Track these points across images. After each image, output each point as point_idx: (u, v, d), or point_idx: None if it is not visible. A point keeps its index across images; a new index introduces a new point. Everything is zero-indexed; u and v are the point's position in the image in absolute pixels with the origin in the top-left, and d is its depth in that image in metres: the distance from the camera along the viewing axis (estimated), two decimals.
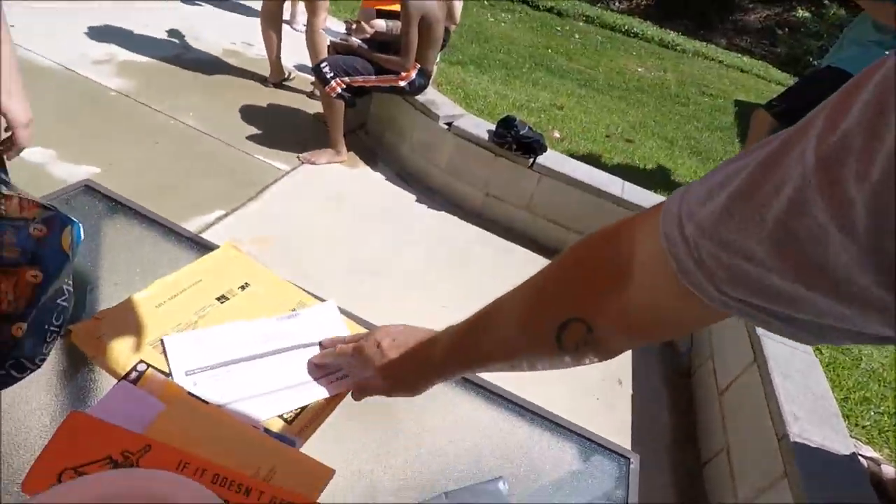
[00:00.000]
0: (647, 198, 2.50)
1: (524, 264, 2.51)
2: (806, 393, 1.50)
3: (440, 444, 0.66)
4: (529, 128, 2.53)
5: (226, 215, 2.15)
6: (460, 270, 2.33)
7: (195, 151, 2.49)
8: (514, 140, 2.46)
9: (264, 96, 3.15)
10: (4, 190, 0.54)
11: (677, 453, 1.84)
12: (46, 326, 0.57)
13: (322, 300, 0.76)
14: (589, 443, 0.73)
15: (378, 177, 2.80)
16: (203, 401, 0.59)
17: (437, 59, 2.95)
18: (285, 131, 2.87)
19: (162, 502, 0.47)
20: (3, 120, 0.86)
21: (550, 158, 2.55)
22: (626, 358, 2.15)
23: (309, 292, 0.77)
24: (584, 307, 0.41)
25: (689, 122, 4.52)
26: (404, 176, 2.84)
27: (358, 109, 2.93)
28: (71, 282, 0.61)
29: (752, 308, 0.30)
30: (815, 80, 2.71)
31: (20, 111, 0.86)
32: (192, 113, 2.72)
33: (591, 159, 3.09)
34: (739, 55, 8.01)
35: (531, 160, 2.50)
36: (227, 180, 2.36)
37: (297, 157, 2.66)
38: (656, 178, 3.19)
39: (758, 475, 1.45)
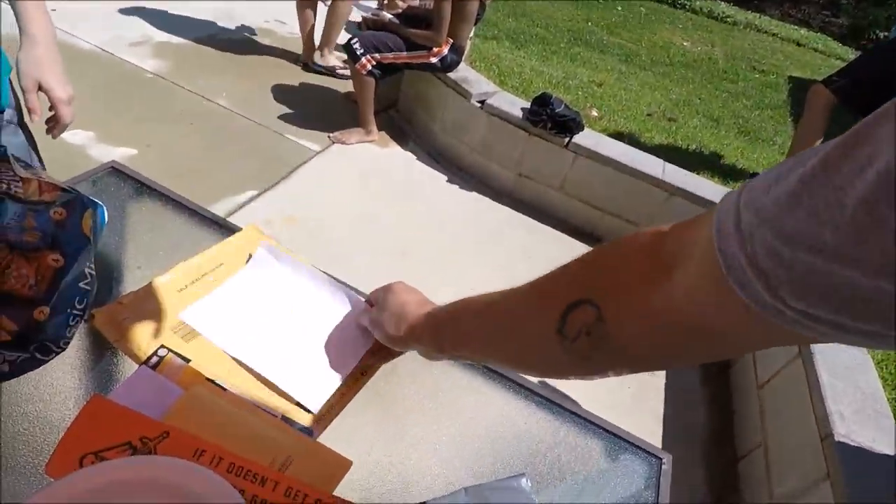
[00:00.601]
0: (690, 180, 2.39)
1: (555, 246, 2.45)
2: (854, 391, 1.42)
3: (460, 437, 0.64)
4: (566, 105, 2.44)
5: (258, 195, 2.17)
6: (490, 252, 2.30)
7: (228, 132, 2.52)
8: (550, 118, 2.38)
9: (296, 75, 3.15)
10: (23, 173, 0.54)
11: (711, 448, 1.79)
12: (69, 310, 0.57)
13: (343, 284, 0.75)
14: (618, 440, 0.70)
15: (409, 156, 2.77)
16: (222, 387, 0.59)
17: (471, 35, 2.88)
18: (316, 111, 2.86)
19: (177, 491, 0.47)
20: (47, 99, 0.87)
21: (587, 137, 2.47)
22: None
23: (334, 277, 0.75)
24: (601, 291, 0.36)
25: (738, 99, 4.29)
26: (435, 155, 2.80)
27: (389, 88, 2.89)
28: (93, 265, 0.60)
29: (811, 320, 0.25)
30: (883, 52, 2.50)
31: (61, 89, 0.87)
32: (225, 93, 2.74)
33: (631, 139, 2.97)
34: (796, 27, 7.53)
35: (567, 139, 2.42)
36: (258, 161, 2.38)
37: (328, 136, 2.65)
38: (700, 159, 3.05)
39: (797, 475, 1.38)
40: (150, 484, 0.47)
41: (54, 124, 0.91)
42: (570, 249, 2.46)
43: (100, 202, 0.67)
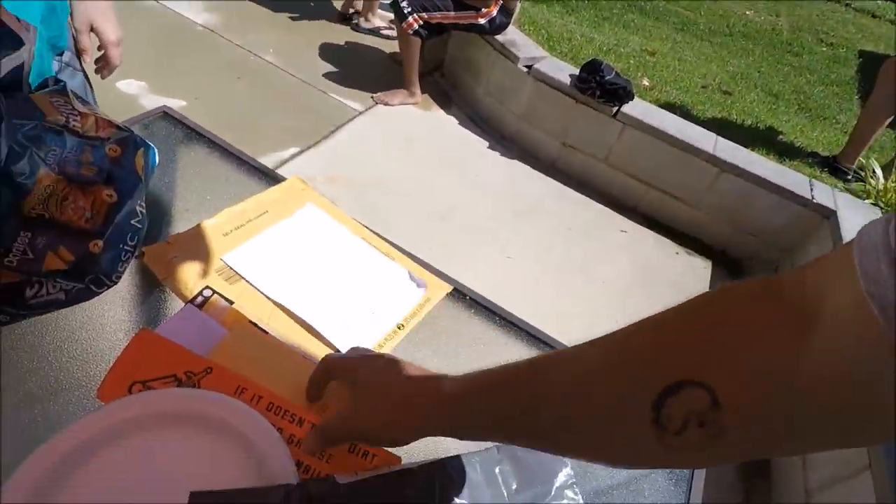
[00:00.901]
0: (743, 156, 2.28)
1: (597, 219, 2.39)
2: None
3: None
4: (616, 73, 2.34)
5: (300, 152, 2.18)
6: (529, 222, 2.26)
7: (273, 88, 2.53)
8: (599, 86, 2.29)
9: (342, 34, 3.12)
10: (81, 108, 0.55)
11: None
12: (121, 246, 0.59)
13: (388, 241, 0.75)
14: None
15: (451, 121, 2.72)
16: (263, 330, 0.60)
17: None
18: (361, 70, 2.84)
19: (219, 424, 0.48)
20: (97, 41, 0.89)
21: (636, 108, 2.37)
22: None
23: (375, 232, 0.75)
24: (713, 367, 0.27)
25: (801, 74, 4.03)
26: (478, 121, 2.75)
27: (434, 50, 2.83)
28: (144, 204, 0.62)
29: None
30: None
31: (110, 30, 0.89)
32: (272, 49, 2.74)
33: (682, 111, 2.84)
34: None
35: (615, 108, 2.33)
36: (302, 118, 2.39)
37: (371, 96, 2.63)
38: (755, 136, 2.89)
39: (835, 463, 1.34)
40: (193, 415, 0.48)
41: (103, 65, 0.94)
42: (611, 222, 2.40)
43: (151, 144, 0.68)
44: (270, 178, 0.79)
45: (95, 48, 0.91)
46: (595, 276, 2.10)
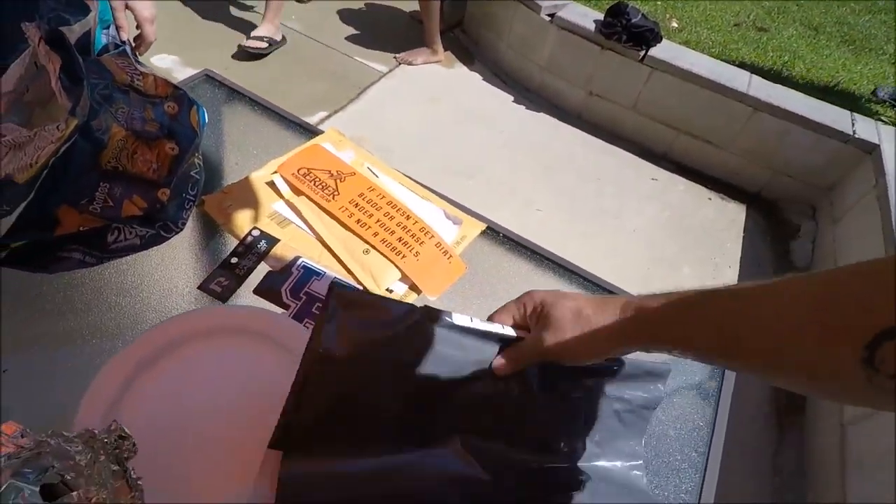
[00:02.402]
0: (779, 93, 2.20)
1: (626, 168, 2.37)
2: None
3: None
4: (643, 15, 2.27)
5: (327, 116, 2.23)
6: (557, 174, 2.27)
7: (299, 55, 2.56)
8: (625, 29, 2.24)
9: None
10: (142, 68, 0.60)
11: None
12: (184, 195, 0.65)
13: (421, 184, 0.79)
14: None
15: (475, 77, 2.71)
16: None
17: None
18: (383, 32, 2.83)
19: (264, 335, 0.54)
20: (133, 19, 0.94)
21: (665, 50, 2.31)
22: (731, 269, 2.03)
23: (413, 179, 0.80)
24: None
25: (844, 3, 3.80)
26: (501, 76, 2.72)
27: (454, 7, 2.80)
28: (201, 157, 0.68)
29: None
30: None
31: (145, 8, 0.93)
32: (294, 16, 2.76)
33: (714, 52, 2.74)
34: None
35: (643, 52, 2.27)
36: (328, 82, 2.42)
37: (394, 57, 2.63)
38: (792, 73, 2.78)
39: None
40: (242, 329, 0.54)
41: (139, 42, 0.99)
42: (640, 171, 2.37)
43: (199, 103, 0.73)
44: (309, 131, 0.84)
45: (134, 26, 0.96)
46: (625, 226, 2.11)
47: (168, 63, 2.28)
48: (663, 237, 2.10)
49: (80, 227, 0.57)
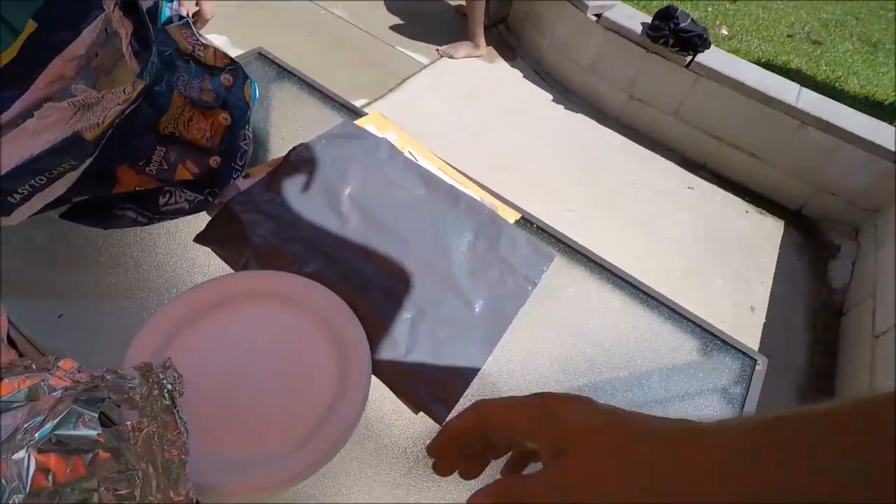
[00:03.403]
0: (829, 108, 2.14)
1: (663, 175, 2.34)
2: None
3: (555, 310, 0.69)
4: (692, 20, 2.24)
5: (368, 104, 2.26)
6: (592, 176, 2.25)
7: (343, 41, 2.60)
8: (672, 34, 2.20)
9: None
10: (203, 39, 0.63)
11: (807, 394, 1.72)
12: (232, 164, 0.68)
13: (457, 169, 0.80)
14: (712, 337, 0.71)
15: (515, 73, 2.70)
16: None
17: None
18: (427, 24, 2.85)
19: (298, 299, 0.56)
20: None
21: (712, 57, 2.26)
22: (763, 285, 1.99)
23: (459, 170, 0.81)
24: None
25: None
26: (542, 74, 2.71)
27: (500, 2, 2.80)
28: (251, 129, 0.70)
29: None
30: None
31: None
32: (341, 4, 2.80)
33: (763, 62, 2.68)
34: None
35: (689, 58, 2.23)
36: (370, 71, 2.45)
37: (437, 49, 2.65)
38: (845, 88, 2.69)
39: None
40: (277, 293, 0.56)
41: (196, 18, 1.04)
42: (678, 179, 2.34)
43: (252, 78, 0.76)
44: (354, 112, 0.86)
45: (193, 3, 1.01)
46: (658, 233, 2.08)
47: (220, 43, 2.34)
48: (697, 248, 2.07)
49: (136, 187, 0.60)
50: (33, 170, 0.50)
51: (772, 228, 2.24)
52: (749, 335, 1.82)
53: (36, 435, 0.34)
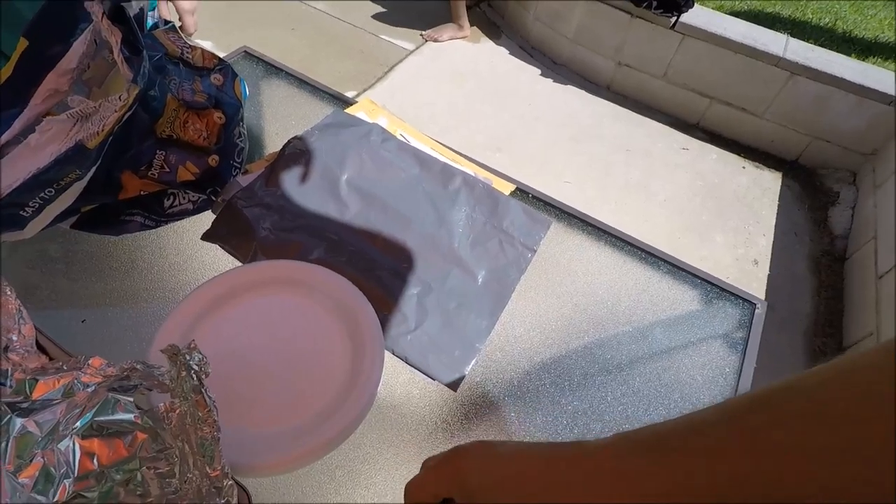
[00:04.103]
0: (818, 56, 2.13)
1: (656, 139, 2.34)
2: None
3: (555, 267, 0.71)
4: None
5: (356, 96, 2.26)
6: (585, 146, 2.25)
7: (327, 35, 2.59)
8: None
9: None
10: (190, 42, 0.64)
11: (814, 339, 1.74)
12: (231, 162, 0.70)
13: (450, 148, 0.82)
14: (711, 286, 0.73)
15: (502, 51, 2.69)
16: None
17: None
18: (408, 9, 2.83)
19: (316, 287, 0.58)
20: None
21: (697, 16, 2.25)
22: (765, 238, 2.00)
23: (452, 148, 0.82)
24: None
25: None
26: (529, 49, 2.70)
27: None
28: (245, 126, 0.72)
29: None
30: None
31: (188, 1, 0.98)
32: None
33: (749, 16, 2.66)
34: None
35: (674, 18, 2.22)
36: (356, 62, 2.45)
37: (421, 34, 2.64)
38: (833, 36, 2.67)
39: None
40: (297, 281, 0.58)
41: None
42: (671, 141, 2.34)
43: (241, 76, 0.77)
44: (344, 102, 0.88)
45: (176, 18, 1.01)
46: (655, 195, 2.09)
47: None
48: (695, 207, 2.08)
49: (140, 192, 0.62)
50: (42, 182, 0.52)
51: (769, 181, 2.25)
52: (754, 288, 1.84)
53: (78, 423, 0.36)
